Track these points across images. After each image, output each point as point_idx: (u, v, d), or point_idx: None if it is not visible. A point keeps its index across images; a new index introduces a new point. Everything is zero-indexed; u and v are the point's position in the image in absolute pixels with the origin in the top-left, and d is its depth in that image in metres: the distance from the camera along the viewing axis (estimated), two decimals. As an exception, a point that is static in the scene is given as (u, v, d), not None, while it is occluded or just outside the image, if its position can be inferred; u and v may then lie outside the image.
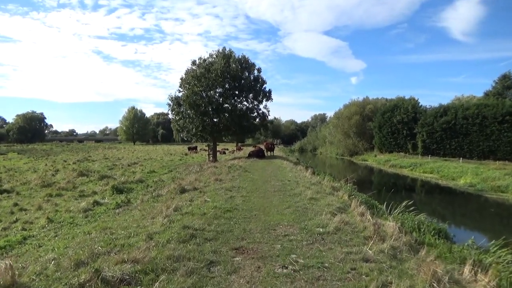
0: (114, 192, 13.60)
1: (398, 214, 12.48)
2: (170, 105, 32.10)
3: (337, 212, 7.64)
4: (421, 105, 56.58)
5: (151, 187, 14.31)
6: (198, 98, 30.01)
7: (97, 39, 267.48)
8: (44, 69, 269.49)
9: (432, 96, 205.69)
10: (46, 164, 31.30)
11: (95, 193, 14.44)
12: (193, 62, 32.27)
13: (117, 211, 9.52)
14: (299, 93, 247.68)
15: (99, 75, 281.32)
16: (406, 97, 59.98)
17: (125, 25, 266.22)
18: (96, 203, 11.43)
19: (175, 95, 31.98)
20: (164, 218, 6.95)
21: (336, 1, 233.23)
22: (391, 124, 56.42)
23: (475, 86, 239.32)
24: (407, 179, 34.53)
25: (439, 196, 24.84)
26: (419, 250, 5.79)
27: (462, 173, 31.79)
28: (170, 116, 33.39)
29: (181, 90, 32.11)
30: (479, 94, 64.31)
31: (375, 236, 5.92)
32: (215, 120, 32.40)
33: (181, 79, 32.21)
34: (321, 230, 6.41)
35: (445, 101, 56.54)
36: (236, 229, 6.47)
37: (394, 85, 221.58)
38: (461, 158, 42.19)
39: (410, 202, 11.29)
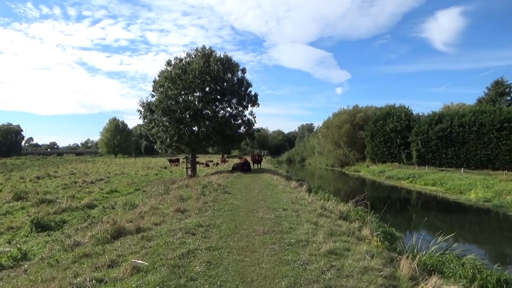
0: (34, 229, 9.46)
1: (434, 253, 9.02)
2: (141, 112, 27.73)
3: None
4: (415, 113, 54.19)
5: (84, 220, 10.19)
6: (173, 103, 25.79)
7: (81, 50, 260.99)
8: (26, 81, 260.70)
9: (416, 106, 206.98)
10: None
11: (11, 228, 10.24)
12: (168, 63, 28.12)
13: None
14: (285, 103, 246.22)
15: (83, 87, 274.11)
16: (396, 106, 57.55)
17: (110, 36, 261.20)
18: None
19: (146, 100, 27.69)
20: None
21: (321, 13, 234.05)
22: (384, 132, 53.70)
23: (457, 96, 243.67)
24: (410, 193, 31.01)
25: (456, 215, 21.18)
26: None
27: (470, 186, 28.53)
28: (142, 124, 28.93)
29: (154, 94, 27.96)
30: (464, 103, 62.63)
31: None
32: (193, 128, 28.25)
33: (154, 81, 28.08)
34: None
35: (427, 111, 54.22)
36: None
37: (378, 96, 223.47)
38: (462, 169, 39.34)
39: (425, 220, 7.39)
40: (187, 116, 26.90)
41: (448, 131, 43.69)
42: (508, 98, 55.33)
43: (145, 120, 28.18)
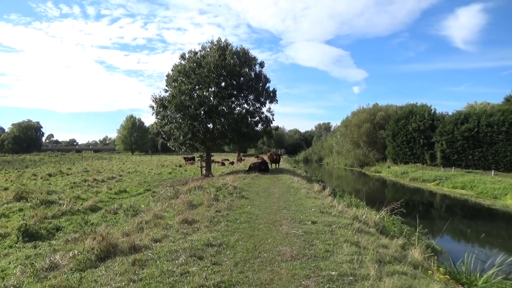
0: (20, 238, 8.16)
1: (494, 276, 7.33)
2: (153, 108, 26.45)
3: None
4: (439, 112, 51.61)
5: (81, 227, 8.83)
6: (186, 99, 24.37)
7: (100, 49, 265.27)
8: (46, 79, 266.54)
9: (435, 105, 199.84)
10: (6, 179, 26.39)
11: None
12: (182, 56, 26.71)
13: None
14: (301, 102, 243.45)
15: (102, 84, 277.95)
16: (418, 104, 54.97)
17: (128, 35, 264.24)
18: None
19: (159, 96, 26.39)
20: None
21: (338, 10, 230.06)
22: (406, 132, 51.38)
23: (478, 95, 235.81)
24: (438, 197, 28.83)
25: (498, 224, 19.07)
26: None
27: (505, 190, 26.22)
28: (155, 120, 27.64)
29: (167, 89, 26.65)
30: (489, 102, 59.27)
31: None
32: (208, 125, 26.81)
33: (167, 76, 26.75)
34: None
35: (447, 111, 51.64)
36: None
37: (396, 95, 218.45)
38: (492, 171, 36.81)
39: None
40: (202, 112, 25.48)
41: (475, 131, 41.33)
42: (540, 96, 52.13)
43: (158, 117, 26.89)
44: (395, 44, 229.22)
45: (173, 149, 28.31)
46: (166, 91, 26.87)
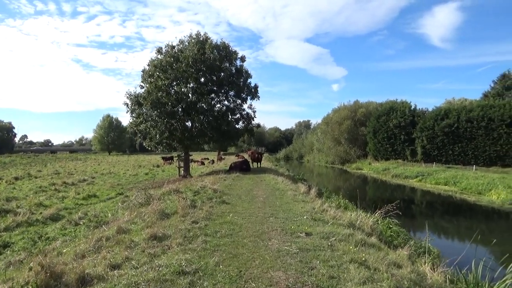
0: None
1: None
2: (127, 105, 24.78)
3: None
4: (419, 108, 51.80)
5: (33, 243, 7.43)
6: (163, 95, 22.84)
7: (76, 47, 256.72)
8: (21, 78, 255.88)
9: (414, 102, 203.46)
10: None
11: None
12: (159, 50, 25.13)
13: None
14: (281, 100, 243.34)
15: (79, 84, 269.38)
16: (398, 101, 55.11)
17: (105, 33, 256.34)
18: None
19: (135, 92, 24.74)
20: None
21: (318, 8, 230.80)
22: (387, 128, 51.38)
23: (455, 92, 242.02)
24: (422, 194, 28.44)
25: (489, 222, 18.53)
26: None
27: (489, 186, 26.01)
28: (129, 119, 25.97)
29: (143, 85, 25.04)
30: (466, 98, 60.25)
31: None
32: (186, 123, 25.37)
33: (143, 71, 25.12)
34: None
35: (427, 107, 52.12)
36: None
37: (375, 92, 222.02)
38: (474, 166, 37.00)
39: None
40: (179, 109, 24.06)
41: (455, 126, 41.63)
42: (516, 92, 53.17)
43: (133, 115, 25.26)
44: (374, 42, 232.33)
45: (149, 149, 26.79)
46: (142, 87, 25.30)
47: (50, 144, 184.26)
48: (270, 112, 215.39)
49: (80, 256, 5.41)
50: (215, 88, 25.22)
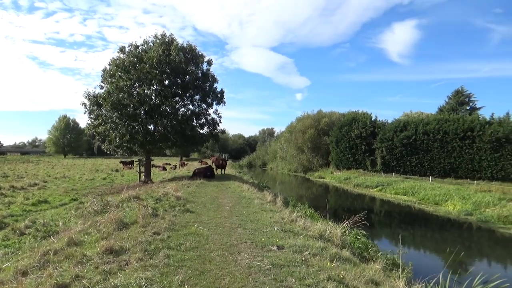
0: None
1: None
2: (85, 105, 23.37)
3: None
4: (379, 120, 53.55)
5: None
6: (124, 97, 21.70)
7: (32, 44, 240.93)
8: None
9: (374, 114, 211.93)
10: None
11: None
12: (121, 49, 24.03)
13: None
14: (246, 107, 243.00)
15: (33, 82, 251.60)
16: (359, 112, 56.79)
17: (64, 30, 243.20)
18: None
19: (93, 92, 23.39)
20: None
21: (283, 18, 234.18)
22: (349, 138, 52.54)
23: (410, 105, 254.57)
24: (382, 203, 29.10)
25: (446, 233, 19.02)
26: None
27: (445, 197, 27.10)
28: (87, 120, 24.48)
29: (103, 85, 23.76)
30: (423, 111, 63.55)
31: None
32: (148, 127, 24.30)
33: (103, 70, 23.86)
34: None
35: (385, 119, 54.10)
36: None
37: (336, 103, 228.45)
38: (430, 177, 38.59)
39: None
40: (142, 112, 23.03)
41: (413, 138, 43.32)
42: (468, 107, 56.53)
43: (91, 116, 23.85)
44: (337, 54, 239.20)
45: (108, 152, 25.39)
46: (102, 87, 23.97)
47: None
48: (234, 119, 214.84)
49: (22, 273, 4.66)
50: (180, 91, 24.43)
